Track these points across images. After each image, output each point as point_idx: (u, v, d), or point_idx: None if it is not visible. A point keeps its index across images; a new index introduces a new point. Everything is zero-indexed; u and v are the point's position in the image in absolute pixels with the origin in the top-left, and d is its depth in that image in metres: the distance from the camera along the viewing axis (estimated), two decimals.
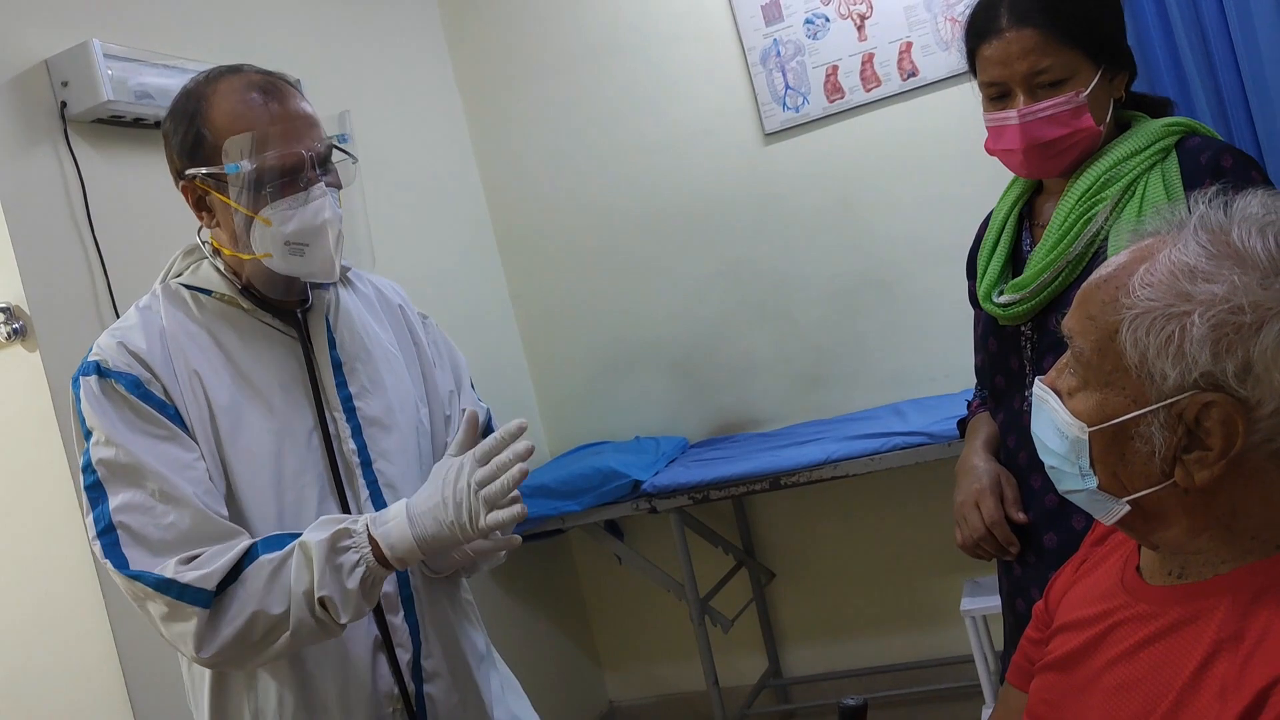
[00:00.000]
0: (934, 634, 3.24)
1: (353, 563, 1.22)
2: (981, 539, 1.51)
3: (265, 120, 1.30)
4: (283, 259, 1.32)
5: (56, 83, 2.14)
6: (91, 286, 2.13)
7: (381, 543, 1.24)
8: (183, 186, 1.35)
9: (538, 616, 3.47)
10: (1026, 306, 1.47)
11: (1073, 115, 1.42)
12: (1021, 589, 1.53)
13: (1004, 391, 1.56)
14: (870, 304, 3.24)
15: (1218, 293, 0.83)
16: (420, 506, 1.26)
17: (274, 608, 1.22)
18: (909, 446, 2.75)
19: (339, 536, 1.23)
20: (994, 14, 1.45)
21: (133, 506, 1.23)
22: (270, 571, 1.22)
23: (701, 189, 3.39)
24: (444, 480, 1.27)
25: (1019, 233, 1.57)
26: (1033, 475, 1.47)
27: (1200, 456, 0.86)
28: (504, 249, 3.69)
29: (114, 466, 1.25)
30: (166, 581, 1.20)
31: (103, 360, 1.29)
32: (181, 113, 1.34)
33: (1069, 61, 1.41)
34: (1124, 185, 1.41)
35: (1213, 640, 0.85)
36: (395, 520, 1.25)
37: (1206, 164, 1.38)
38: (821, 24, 3.19)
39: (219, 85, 1.33)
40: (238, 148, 1.29)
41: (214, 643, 1.21)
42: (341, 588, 1.22)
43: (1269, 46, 2.25)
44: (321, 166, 1.35)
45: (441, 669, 1.42)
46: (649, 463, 3.10)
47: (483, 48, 3.63)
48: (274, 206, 1.30)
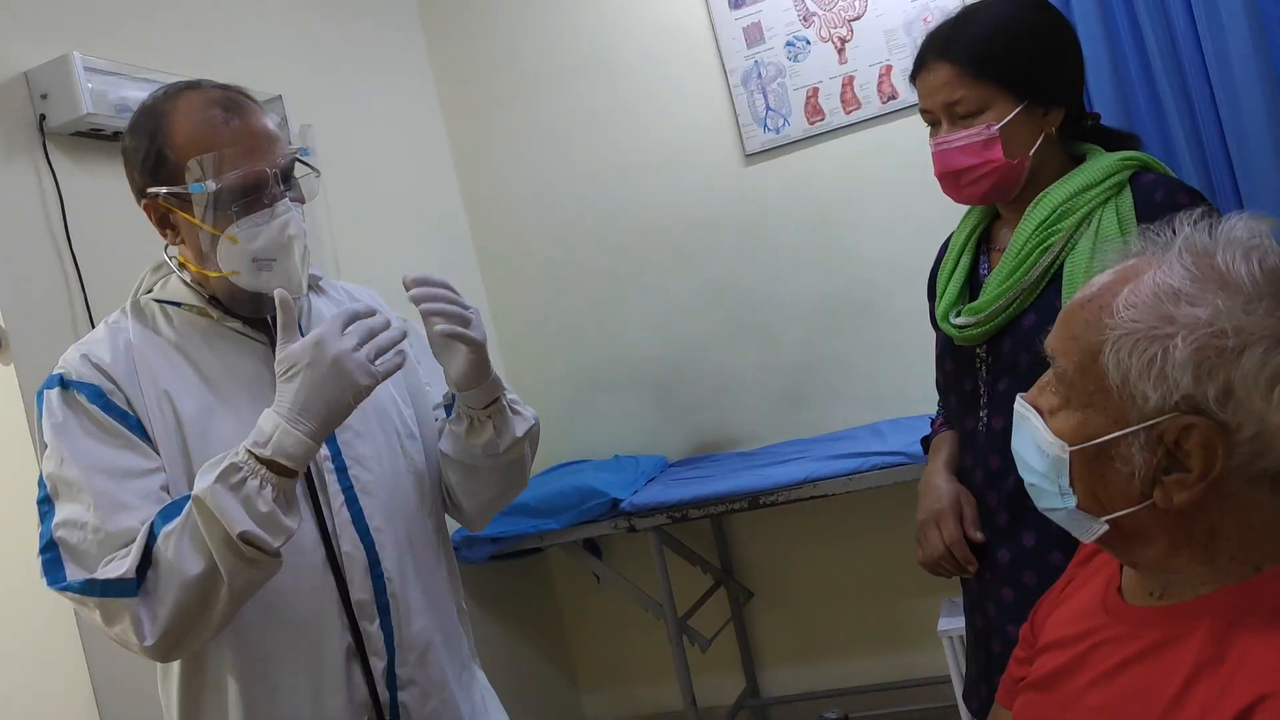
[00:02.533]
0: (912, 654, 3.24)
1: (256, 488, 1.19)
2: (941, 558, 1.55)
3: (227, 138, 1.30)
4: (250, 276, 1.32)
5: (36, 95, 2.12)
6: (68, 300, 2.11)
7: (275, 456, 1.20)
8: (145, 205, 1.35)
9: (515, 635, 3.45)
10: (981, 330, 1.51)
11: (983, 147, 1.46)
12: (978, 605, 1.58)
13: (958, 412, 1.60)
14: (850, 324, 3.25)
15: (1201, 316, 0.84)
16: (292, 403, 1.22)
17: (194, 568, 1.18)
18: (888, 466, 2.76)
19: (228, 473, 1.19)
20: (927, 48, 1.53)
21: (70, 522, 1.22)
22: (176, 538, 1.19)
23: (682, 209, 3.40)
24: (299, 367, 1.23)
25: (976, 257, 1.61)
26: (987, 493, 1.52)
27: (1180, 478, 0.86)
28: (485, 266, 3.68)
29: (58, 481, 1.24)
30: (90, 582, 1.19)
31: (66, 373, 1.29)
32: (141, 130, 1.34)
33: (983, 95, 1.46)
34: (1079, 218, 1.45)
35: (1193, 662, 0.86)
36: (276, 429, 1.21)
37: (1162, 201, 1.42)
38: (802, 46, 3.21)
39: (178, 102, 1.32)
40: (201, 167, 1.28)
41: (155, 627, 1.18)
42: (256, 514, 1.18)
43: (1245, 90, 2.28)
44: (285, 182, 1.35)
45: (417, 676, 1.40)
46: (628, 481, 3.10)
47: (466, 65, 3.63)
48: (239, 224, 1.30)
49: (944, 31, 1.52)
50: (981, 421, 1.53)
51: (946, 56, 1.48)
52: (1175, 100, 2.39)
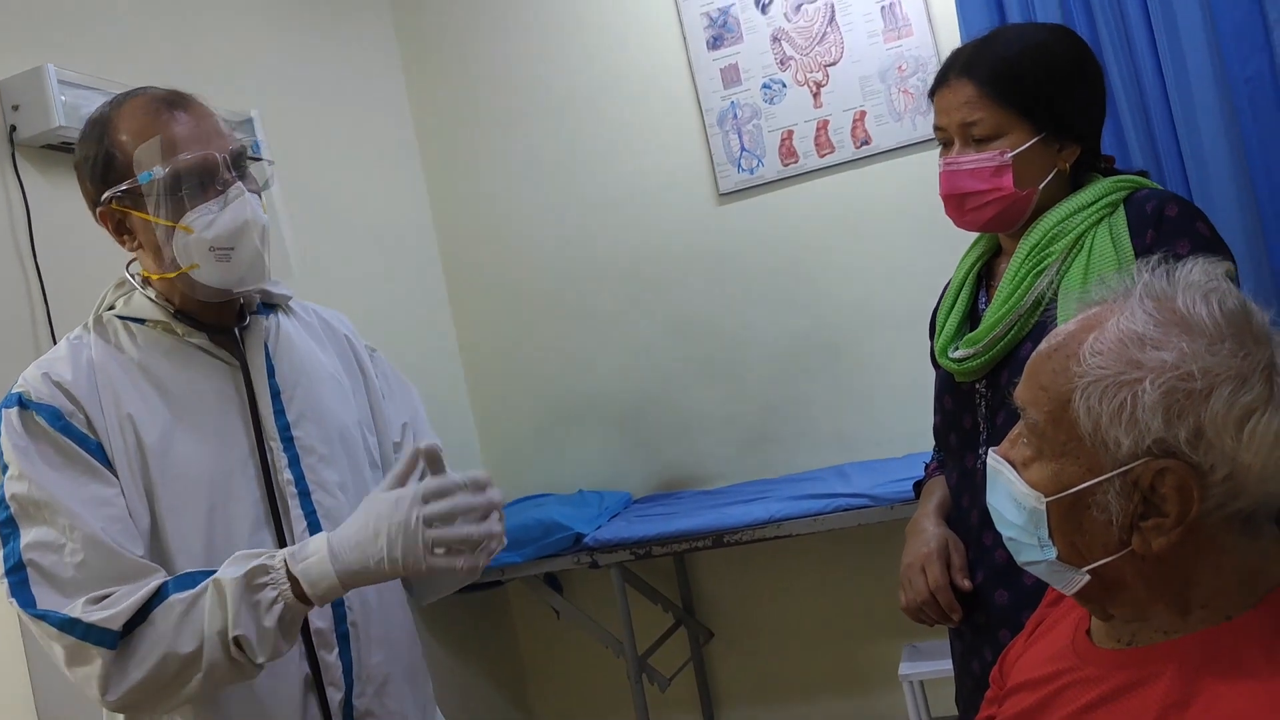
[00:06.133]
0: (871, 698, 3.23)
1: (270, 600, 1.18)
2: (925, 603, 1.50)
3: (172, 125, 1.29)
4: (209, 267, 1.30)
5: (7, 106, 2.10)
6: (30, 315, 2.08)
7: (301, 579, 1.19)
8: (100, 213, 1.33)
9: (472, 669, 3.40)
10: (980, 361, 1.47)
11: (994, 173, 1.44)
12: (975, 650, 1.52)
13: (957, 450, 1.56)
14: (817, 366, 3.26)
15: (1167, 359, 0.85)
16: (345, 540, 1.21)
17: (184, 647, 1.17)
18: (852, 508, 2.76)
19: (255, 573, 1.18)
20: (950, 64, 1.50)
21: (43, 544, 1.20)
22: (181, 611, 1.18)
23: (655, 246, 3.41)
24: (377, 514, 1.21)
25: (976, 291, 1.58)
26: (984, 533, 1.47)
27: (1157, 523, 0.86)
28: (454, 296, 3.67)
29: (26, 502, 1.21)
30: (71, 621, 1.16)
31: (25, 392, 1.27)
32: (90, 138, 1.33)
33: (1002, 120, 1.43)
34: (1072, 240, 1.42)
35: (1159, 706, 0.86)
36: (316, 555, 1.20)
37: (1152, 212, 1.40)
38: (778, 89, 3.25)
39: (123, 107, 1.32)
40: (148, 155, 1.27)
41: (121, 685, 1.16)
42: (258, 626, 1.17)
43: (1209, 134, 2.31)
44: (237, 169, 1.33)
45: (375, 708, 1.38)
46: (592, 516, 3.08)
47: (443, 95, 3.64)
48: (193, 213, 1.28)
49: (970, 49, 1.49)
50: (980, 459, 1.47)
51: (970, 75, 1.45)
52: (1130, 106, 2.39)
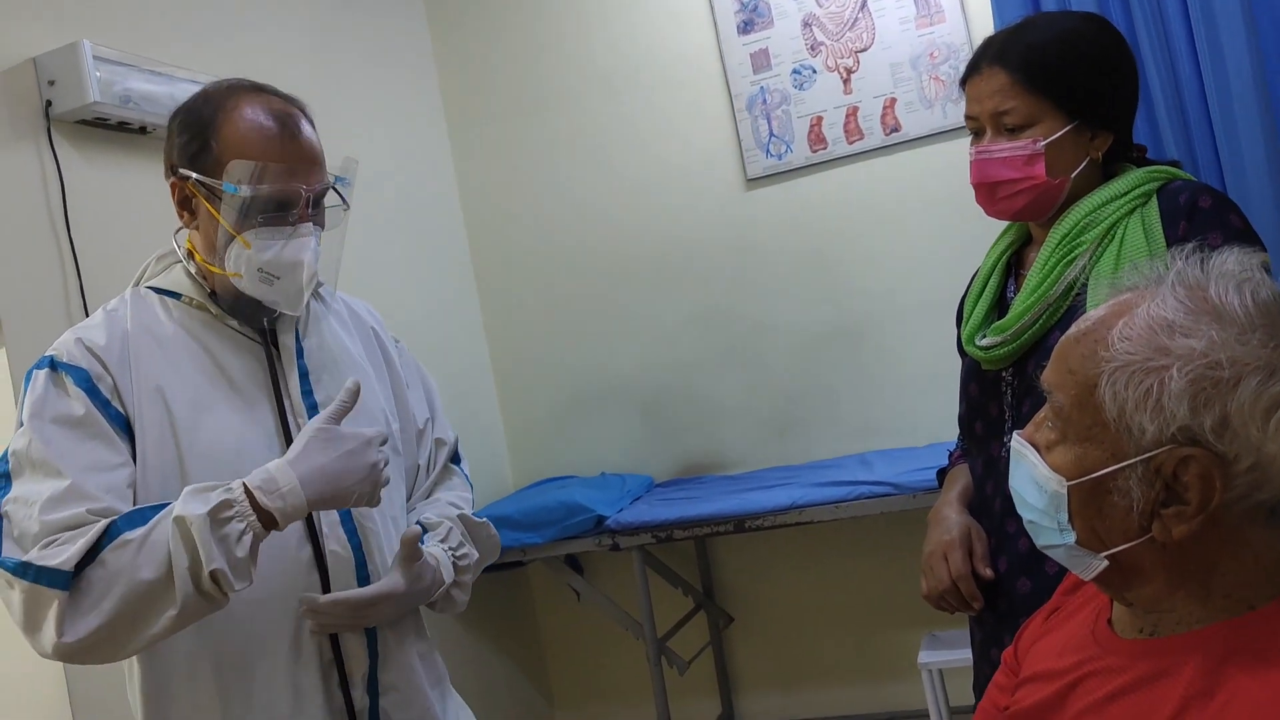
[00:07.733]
0: (890, 686, 3.23)
1: (238, 532, 1.18)
2: (946, 591, 1.50)
3: (274, 152, 1.31)
4: (251, 283, 1.33)
5: (43, 81, 2.12)
6: (64, 288, 2.10)
7: (276, 512, 1.20)
8: (172, 183, 1.35)
9: (492, 650, 3.43)
10: (1007, 350, 1.46)
11: (1026, 162, 1.43)
12: (995, 638, 1.51)
13: (982, 438, 1.55)
14: (841, 354, 3.26)
15: (1196, 348, 0.84)
16: (311, 470, 1.23)
17: (146, 576, 1.16)
18: (874, 496, 2.76)
19: (221, 508, 1.18)
20: (982, 53, 1.49)
21: (24, 499, 1.21)
22: (136, 546, 1.17)
23: (682, 232, 3.41)
24: (348, 451, 1.26)
25: (1005, 280, 1.57)
26: (1008, 520, 1.46)
27: (1178, 511, 0.86)
28: (481, 279, 3.68)
29: (23, 459, 1.24)
30: (23, 565, 1.16)
31: (57, 354, 1.30)
32: (195, 115, 1.34)
33: (1034, 109, 1.42)
34: (1104, 229, 1.41)
35: (1181, 696, 0.85)
36: (289, 487, 1.21)
37: (1185, 204, 1.39)
38: (808, 75, 3.23)
39: (239, 101, 1.33)
40: (240, 171, 1.29)
41: (79, 625, 1.16)
42: (231, 557, 1.17)
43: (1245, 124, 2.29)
44: (314, 206, 1.36)
45: (398, 682, 1.40)
46: (614, 499, 3.09)
47: (473, 78, 3.64)
48: (258, 233, 1.31)
49: (1002, 38, 1.48)
50: (1005, 447, 1.45)
51: (1002, 63, 1.44)
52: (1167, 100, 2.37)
